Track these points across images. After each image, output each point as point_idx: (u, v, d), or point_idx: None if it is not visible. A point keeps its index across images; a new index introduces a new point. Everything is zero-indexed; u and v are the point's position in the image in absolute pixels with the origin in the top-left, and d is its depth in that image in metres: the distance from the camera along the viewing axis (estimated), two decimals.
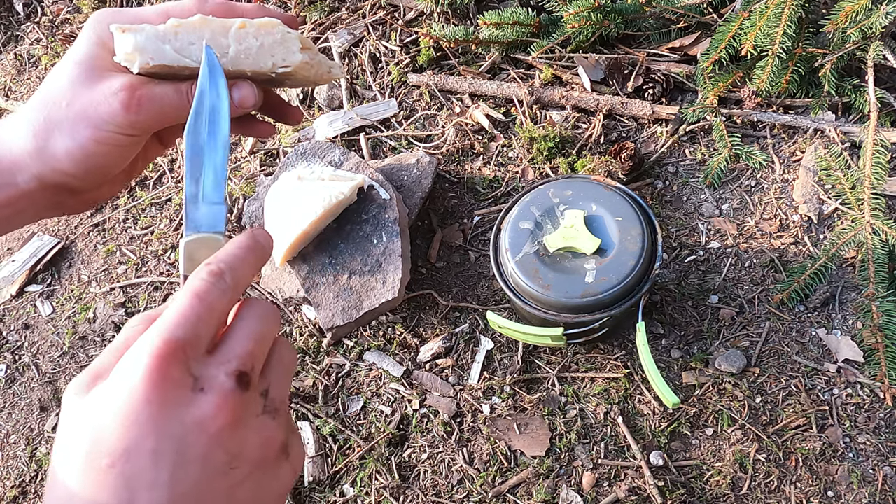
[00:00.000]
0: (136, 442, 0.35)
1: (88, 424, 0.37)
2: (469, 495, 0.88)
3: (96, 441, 0.36)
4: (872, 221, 0.94)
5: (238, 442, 0.38)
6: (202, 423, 0.37)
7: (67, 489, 0.36)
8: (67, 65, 0.50)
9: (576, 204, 0.87)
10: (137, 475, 0.35)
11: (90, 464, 0.36)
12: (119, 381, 0.37)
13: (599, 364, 0.93)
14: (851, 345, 0.90)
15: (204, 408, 0.37)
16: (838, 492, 0.84)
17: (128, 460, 0.35)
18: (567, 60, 1.14)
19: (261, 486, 0.39)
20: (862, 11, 0.95)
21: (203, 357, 0.39)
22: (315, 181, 0.96)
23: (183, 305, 0.38)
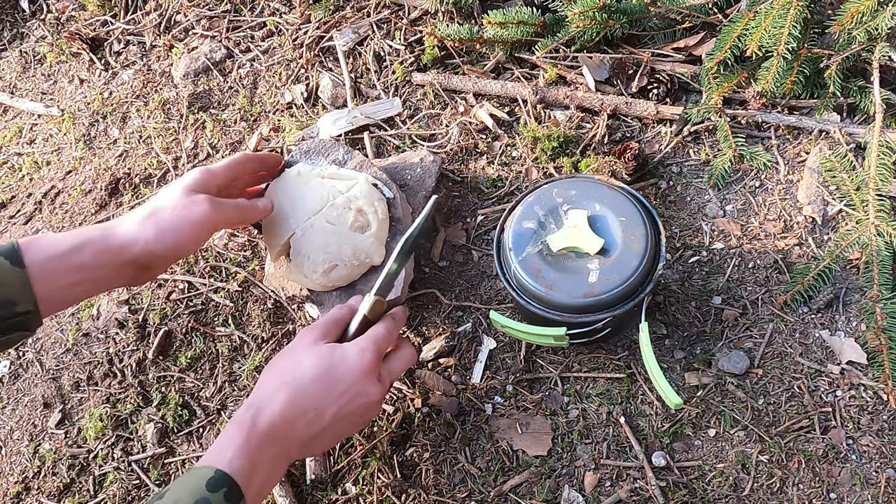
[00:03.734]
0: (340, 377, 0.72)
1: (322, 362, 0.72)
2: (471, 494, 0.88)
3: (328, 371, 0.72)
4: (877, 223, 0.94)
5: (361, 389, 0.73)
6: (354, 373, 0.73)
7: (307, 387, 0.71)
8: (173, 189, 0.80)
9: (579, 204, 0.87)
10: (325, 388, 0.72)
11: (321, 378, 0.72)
12: (349, 355, 0.73)
13: (602, 364, 0.93)
14: (855, 346, 0.90)
15: (371, 389, 0.74)
16: (841, 494, 0.83)
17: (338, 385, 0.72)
18: (571, 60, 1.14)
19: (351, 399, 0.73)
20: (868, 12, 0.94)
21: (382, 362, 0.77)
22: (314, 178, 0.94)
23: (382, 333, 0.77)
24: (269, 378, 0.72)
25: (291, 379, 0.71)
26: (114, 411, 1.00)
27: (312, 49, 1.24)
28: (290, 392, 0.70)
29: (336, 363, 0.72)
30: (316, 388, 0.70)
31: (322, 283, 0.89)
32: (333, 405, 0.71)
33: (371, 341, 0.75)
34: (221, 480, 0.64)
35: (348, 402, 0.72)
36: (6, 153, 1.31)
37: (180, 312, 1.05)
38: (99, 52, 1.36)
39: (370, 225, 0.90)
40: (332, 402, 0.71)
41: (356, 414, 0.73)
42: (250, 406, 0.70)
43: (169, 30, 1.34)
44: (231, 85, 1.25)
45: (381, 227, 0.91)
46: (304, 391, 0.70)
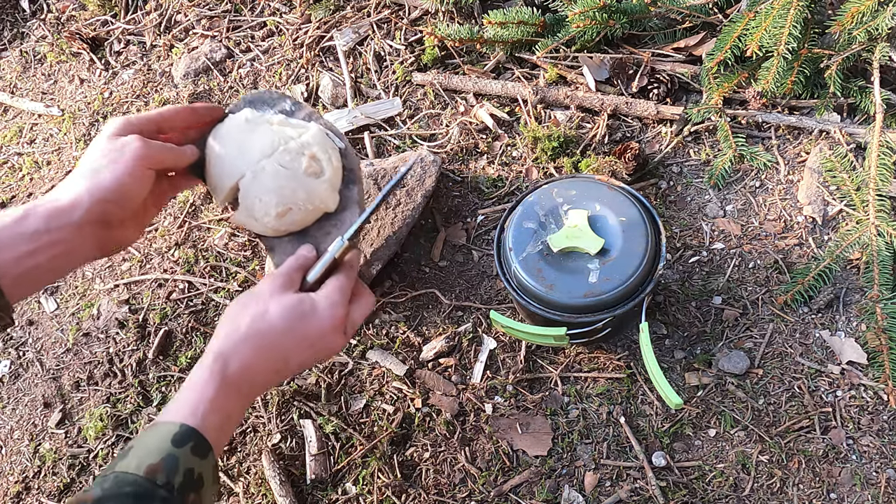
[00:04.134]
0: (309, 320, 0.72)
1: (293, 314, 0.71)
2: (471, 494, 0.88)
3: (298, 323, 0.72)
4: (877, 223, 0.94)
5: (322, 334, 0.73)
6: (325, 327, 0.72)
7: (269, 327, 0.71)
8: (98, 140, 0.76)
9: (580, 204, 0.87)
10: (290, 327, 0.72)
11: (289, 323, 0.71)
12: (320, 309, 0.72)
13: (602, 364, 0.93)
14: (855, 347, 0.90)
15: (336, 341, 0.74)
16: (841, 494, 0.83)
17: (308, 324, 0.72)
18: (572, 60, 1.14)
19: (317, 351, 0.73)
20: (868, 12, 0.94)
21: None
22: (263, 124, 0.90)
23: (346, 284, 0.76)
24: (236, 326, 0.71)
25: (259, 329, 0.70)
26: (114, 411, 1.00)
27: (313, 49, 1.24)
28: (259, 342, 0.70)
29: (307, 315, 0.72)
30: (285, 339, 0.71)
31: (274, 226, 0.85)
32: (300, 355, 0.72)
33: (340, 294, 0.74)
34: (187, 435, 0.63)
35: (315, 353, 0.73)
36: (6, 153, 1.31)
37: (180, 312, 1.05)
38: (99, 51, 1.36)
39: (324, 171, 0.87)
40: (300, 352, 0.72)
41: (317, 360, 0.76)
42: (218, 356, 0.69)
43: (169, 30, 1.34)
44: (231, 85, 1.25)
45: (335, 173, 0.88)
46: (273, 342, 0.70)
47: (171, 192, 0.86)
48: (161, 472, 0.60)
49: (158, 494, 0.59)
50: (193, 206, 1.13)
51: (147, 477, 0.60)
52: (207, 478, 0.64)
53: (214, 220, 1.11)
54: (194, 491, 0.62)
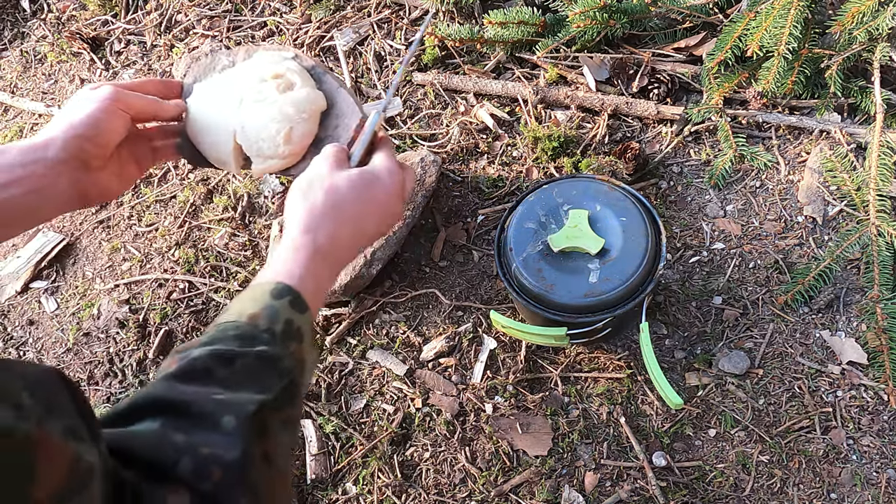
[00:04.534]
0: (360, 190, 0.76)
1: (360, 185, 0.76)
2: (471, 494, 0.88)
3: (366, 193, 0.76)
4: (878, 223, 0.93)
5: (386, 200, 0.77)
6: (390, 191, 0.77)
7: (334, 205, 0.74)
8: (78, 92, 0.78)
9: (580, 204, 0.87)
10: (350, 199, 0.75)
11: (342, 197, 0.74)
12: (381, 176, 0.76)
13: (603, 364, 0.93)
14: (855, 347, 0.90)
15: (400, 206, 0.78)
16: (841, 494, 0.83)
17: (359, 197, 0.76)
18: (572, 60, 1.14)
19: (386, 216, 0.78)
20: (868, 13, 0.94)
21: None
22: (216, 86, 0.90)
23: (391, 153, 0.80)
24: (312, 204, 0.74)
25: (335, 202, 0.74)
26: None
27: (313, 49, 1.24)
28: (338, 214, 0.74)
29: (373, 183, 0.76)
30: (359, 207, 0.75)
31: (292, 150, 0.86)
32: (374, 221, 0.77)
33: (393, 162, 0.80)
34: (285, 290, 0.65)
35: (383, 219, 0.78)
36: None
37: (181, 312, 1.05)
38: (99, 51, 1.36)
39: (294, 81, 0.89)
40: (374, 218, 0.76)
41: (386, 226, 0.80)
42: (306, 229, 0.72)
43: (170, 29, 1.34)
44: None
45: (303, 77, 0.89)
46: (350, 212, 0.74)
47: (153, 158, 0.87)
48: (262, 318, 0.62)
49: (261, 337, 0.60)
50: (194, 206, 1.13)
51: (249, 322, 0.61)
52: (307, 333, 0.65)
53: (215, 220, 1.11)
54: (296, 341, 0.63)
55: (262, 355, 0.59)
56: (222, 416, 0.53)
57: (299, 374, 0.62)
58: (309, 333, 0.65)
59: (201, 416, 0.53)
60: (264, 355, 0.59)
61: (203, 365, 0.57)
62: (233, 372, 0.57)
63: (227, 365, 0.57)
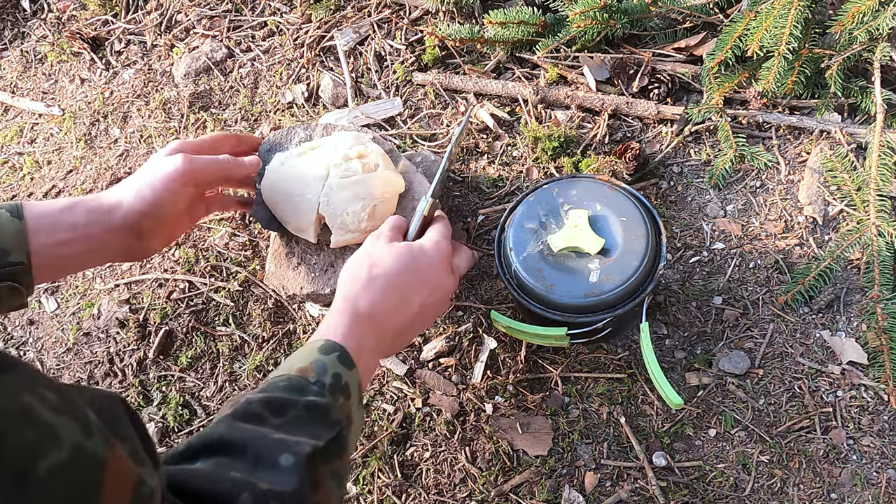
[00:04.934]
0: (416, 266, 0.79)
1: (406, 257, 0.78)
2: (471, 494, 0.88)
3: (412, 264, 0.78)
4: (878, 223, 0.94)
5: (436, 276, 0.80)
6: (434, 264, 0.80)
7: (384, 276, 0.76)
8: (152, 157, 0.84)
9: (580, 204, 0.87)
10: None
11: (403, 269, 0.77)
12: (427, 249, 0.80)
13: (603, 364, 0.93)
14: (856, 347, 0.90)
15: (448, 280, 0.81)
16: (842, 494, 0.83)
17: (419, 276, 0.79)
18: (572, 60, 1.14)
19: (432, 289, 0.79)
20: (869, 12, 0.94)
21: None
22: (296, 158, 0.94)
23: (443, 230, 0.84)
24: (356, 277, 0.76)
25: (380, 273, 0.76)
26: None
27: (313, 49, 1.24)
28: (381, 284, 0.75)
29: (417, 256, 0.78)
30: (404, 279, 0.76)
31: (372, 226, 0.90)
32: (419, 294, 0.77)
33: (441, 236, 0.82)
34: (332, 346, 0.67)
35: (431, 292, 0.78)
36: (7, 152, 1.31)
37: (181, 312, 1.05)
38: (100, 51, 1.36)
39: (378, 163, 0.92)
40: (418, 291, 0.77)
41: (437, 304, 0.80)
42: (347, 298, 0.74)
43: (170, 29, 1.34)
44: (232, 84, 1.25)
45: (385, 160, 0.94)
46: (394, 283, 0.76)
47: (206, 213, 0.94)
48: (311, 371, 0.64)
49: (311, 388, 0.62)
50: None
51: (299, 374, 0.63)
52: (354, 391, 0.66)
53: (215, 219, 1.11)
54: (343, 395, 0.64)
55: (312, 405, 0.61)
56: (280, 454, 0.54)
57: (347, 428, 0.63)
58: (356, 392, 0.67)
59: (258, 455, 0.54)
60: (313, 405, 0.61)
61: (257, 410, 0.59)
62: (285, 420, 0.59)
63: (279, 413, 0.59)
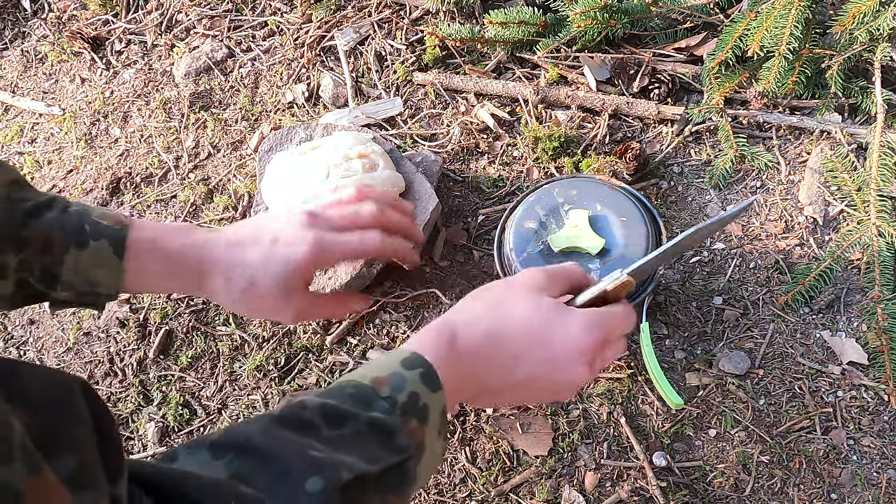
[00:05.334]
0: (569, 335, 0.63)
1: (540, 316, 0.63)
2: (471, 494, 0.88)
3: (542, 328, 0.62)
4: (878, 223, 0.94)
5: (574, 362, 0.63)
6: (569, 346, 0.63)
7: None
8: (293, 218, 0.74)
9: (580, 204, 0.87)
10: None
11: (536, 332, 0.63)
12: (573, 325, 0.62)
13: None
14: (856, 347, 0.90)
15: (580, 371, 0.63)
16: (842, 494, 0.83)
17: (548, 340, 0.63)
18: (573, 60, 1.14)
19: (554, 369, 0.63)
20: (869, 13, 0.94)
21: None
22: (296, 157, 0.94)
23: (618, 320, 0.66)
24: (476, 303, 0.64)
25: (499, 316, 0.62)
26: (114, 410, 1.00)
27: (314, 48, 1.24)
28: (494, 328, 0.61)
29: (555, 325, 0.62)
30: (522, 337, 0.62)
31: None
32: (531, 364, 0.62)
33: (604, 322, 0.64)
34: (418, 361, 0.56)
35: (549, 371, 0.62)
36: (7, 152, 1.31)
37: (181, 311, 1.05)
38: (100, 51, 1.36)
39: (378, 163, 0.92)
40: (532, 360, 0.62)
41: (550, 388, 0.64)
42: (449, 321, 0.62)
43: (170, 29, 1.34)
44: (232, 84, 1.25)
45: (386, 159, 0.94)
46: (507, 333, 0.62)
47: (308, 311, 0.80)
48: (386, 385, 0.54)
49: (379, 404, 0.52)
50: (194, 205, 1.13)
51: (370, 385, 0.54)
52: (434, 417, 0.55)
53: (215, 219, 1.11)
54: (417, 419, 0.53)
55: (376, 422, 0.51)
56: (309, 476, 0.45)
57: (416, 458, 0.52)
58: (436, 419, 0.55)
59: (285, 472, 0.45)
60: (378, 422, 0.51)
61: (310, 416, 0.50)
62: (340, 434, 0.50)
63: (336, 424, 0.50)
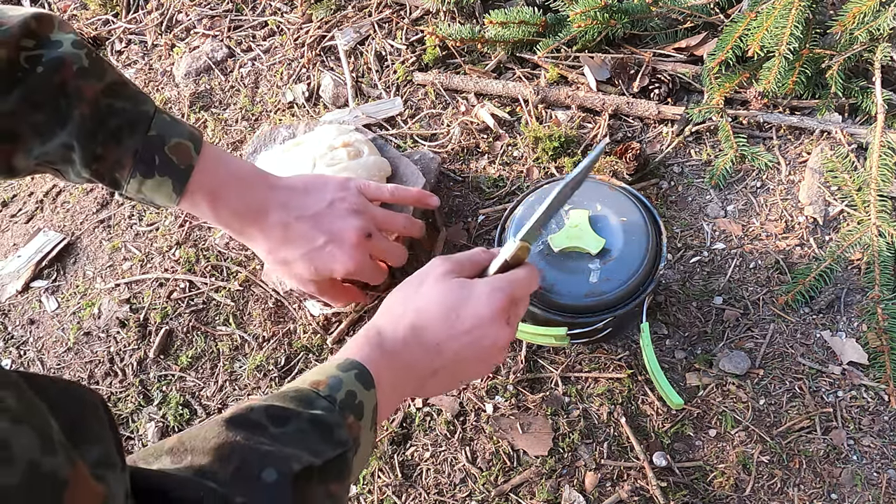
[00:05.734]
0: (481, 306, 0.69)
1: (449, 297, 0.69)
2: (472, 494, 0.88)
3: (453, 307, 0.68)
4: (878, 223, 0.93)
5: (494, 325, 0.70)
6: (481, 312, 0.69)
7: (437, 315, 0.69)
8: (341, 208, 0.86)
9: (580, 204, 0.86)
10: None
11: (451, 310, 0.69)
12: (478, 294, 0.69)
13: (603, 364, 0.93)
14: (856, 347, 0.90)
15: (501, 332, 0.70)
16: (842, 494, 0.83)
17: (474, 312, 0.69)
18: (573, 60, 1.14)
19: (474, 339, 0.69)
20: (869, 13, 0.94)
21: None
22: (280, 154, 0.96)
23: (521, 277, 0.72)
24: (394, 303, 0.70)
25: (415, 308, 0.68)
26: (115, 410, 1.00)
27: (314, 48, 1.24)
28: (413, 320, 0.67)
29: (463, 300, 0.68)
30: (439, 321, 0.67)
31: None
32: (454, 342, 0.67)
33: (507, 282, 0.70)
34: (353, 364, 0.61)
35: (471, 343, 0.68)
36: None
37: (181, 311, 1.05)
38: (101, 50, 1.36)
39: (362, 150, 0.94)
40: (454, 338, 0.67)
41: (479, 357, 0.70)
42: (374, 326, 0.68)
43: (170, 29, 1.34)
44: (233, 84, 1.25)
45: (370, 146, 0.95)
46: (426, 323, 0.67)
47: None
48: (325, 385, 0.59)
49: (320, 403, 0.57)
50: None
51: (310, 387, 0.58)
52: (368, 414, 0.60)
53: None
54: (354, 414, 0.59)
55: (317, 419, 0.56)
56: (263, 468, 0.50)
57: (353, 451, 0.57)
58: (370, 415, 0.61)
59: (241, 466, 0.50)
60: (319, 419, 0.56)
61: (257, 417, 0.55)
62: (284, 430, 0.54)
63: (280, 423, 0.55)
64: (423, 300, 0.69)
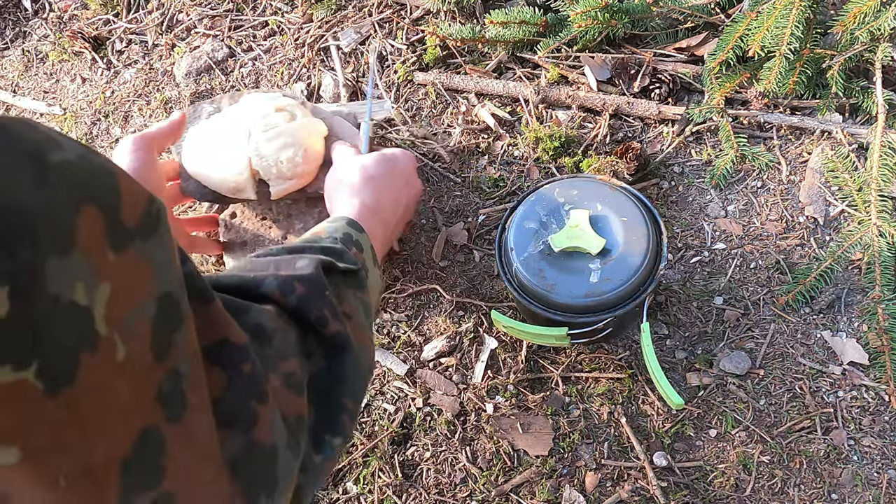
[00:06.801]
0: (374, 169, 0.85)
1: (386, 163, 0.85)
2: (472, 494, 0.88)
3: (393, 168, 0.86)
4: (879, 224, 0.93)
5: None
6: (408, 166, 0.89)
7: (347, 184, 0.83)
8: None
9: (581, 204, 0.86)
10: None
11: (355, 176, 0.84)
12: (399, 155, 0.88)
13: (603, 364, 0.93)
14: (857, 347, 0.90)
15: (419, 182, 0.92)
16: (842, 494, 0.83)
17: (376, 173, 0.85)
18: (573, 60, 1.14)
19: (410, 188, 0.89)
20: (870, 13, 0.94)
21: None
22: (210, 125, 0.96)
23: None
24: (350, 181, 0.83)
25: (368, 177, 0.83)
26: None
27: (314, 48, 1.24)
28: (373, 188, 0.82)
29: (396, 161, 0.86)
30: (389, 182, 0.84)
31: (307, 169, 0.94)
32: (403, 194, 0.86)
33: (397, 148, 0.90)
34: (342, 217, 0.74)
35: (409, 191, 0.87)
36: None
37: None
38: (101, 50, 1.36)
39: (296, 113, 0.96)
40: (401, 191, 0.86)
41: (413, 201, 0.89)
42: (350, 197, 0.81)
43: (171, 29, 1.34)
44: (233, 84, 1.25)
45: (303, 109, 0.98)
46: (382, 185, 0.83)
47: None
48: (324, 232, 0.70)
49: (324, 240, 0.68)
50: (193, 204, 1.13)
51: (311, 235, 0.70)
52: (366, 248, 0.71)
53: None
54: (356, 247, 0.69)
55: (327, 248, 0.65)
56: (297, 260, 0.60)
57: (364, 272, 0.67)
58: (369, 251, 0.72)
59: (279, 264, 0.59)
60: (328, 247, 0.66)
61: (276, 251, 0.64)
62: (302, 256, 0.63)
63: (298, 253, 0.63)
64: (369, 172, 0.84)
